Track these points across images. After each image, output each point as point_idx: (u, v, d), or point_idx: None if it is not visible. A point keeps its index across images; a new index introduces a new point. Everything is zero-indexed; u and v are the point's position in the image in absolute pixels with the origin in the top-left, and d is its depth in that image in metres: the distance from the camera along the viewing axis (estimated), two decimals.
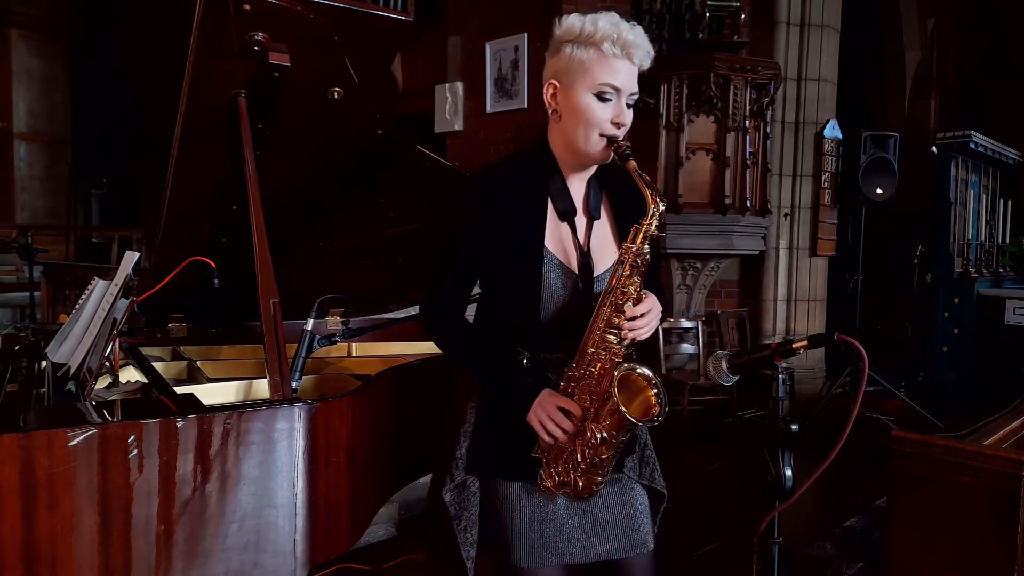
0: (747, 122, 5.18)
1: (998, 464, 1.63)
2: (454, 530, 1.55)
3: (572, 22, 1.43)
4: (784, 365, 1.41)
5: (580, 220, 1.52)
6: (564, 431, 1.41)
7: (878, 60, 7.85)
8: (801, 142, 5.84)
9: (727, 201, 5.13)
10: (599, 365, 1.40)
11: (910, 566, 1.77)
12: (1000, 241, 6.79)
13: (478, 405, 1.57)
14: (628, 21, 1.42)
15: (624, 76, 1.41)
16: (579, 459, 1.42)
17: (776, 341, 1.75)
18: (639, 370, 1.40)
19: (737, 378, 1.48)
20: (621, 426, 1.38)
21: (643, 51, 1.42)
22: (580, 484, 1.45)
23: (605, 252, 1.52)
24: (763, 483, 1.40)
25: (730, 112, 5.10)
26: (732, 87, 5.08)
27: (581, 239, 1.51)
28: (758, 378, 1.44)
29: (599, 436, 1.39)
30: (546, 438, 1.43)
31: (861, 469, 3.78)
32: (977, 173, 6.43)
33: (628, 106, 1.44)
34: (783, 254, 5.93)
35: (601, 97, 1.41)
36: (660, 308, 1.46)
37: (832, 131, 5.84)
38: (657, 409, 1.37)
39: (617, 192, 1.56)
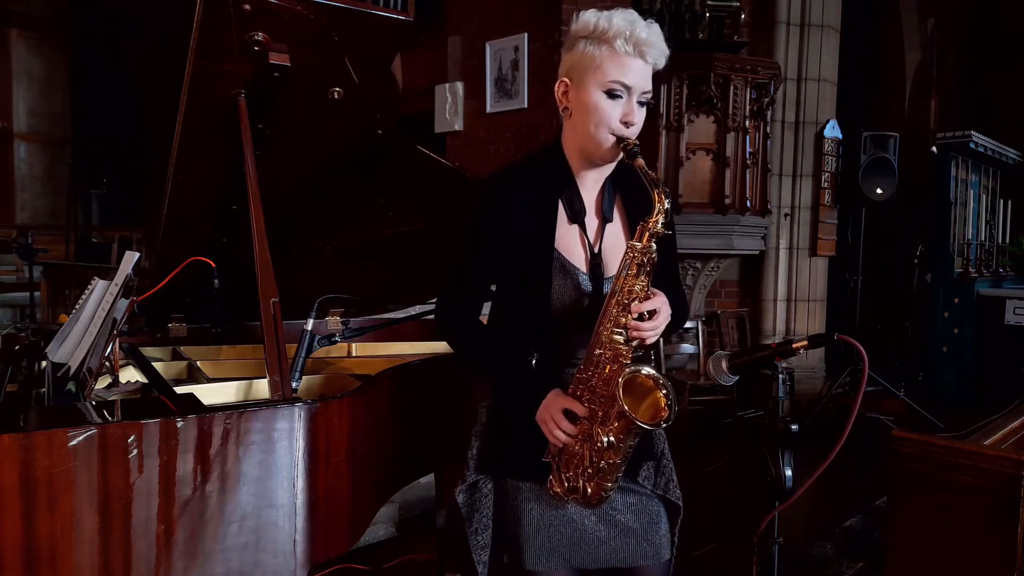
0: (747, 122, 5.18)
1: (998, 464, 1.63)
2: (465, 532, 1.54)
3: (588, 18, 1.40)
4: (784, 365, 1.41)
5: (592, 221, 1.50)
6: (567, 433, 1.39)
7: (878, 60, 7.84)
8: (801, 142, 5.84)
9: (727, 201, 5.13)
10: (608, 367, 1.37)
11: (910, 566, 1.77)
12: (1000, 241, 6.79)
13: (490, 406, 1.57)
14: (646, 19, 1.39)
15: (635, 74, 1.38)
16: (587, 464, 1.39)
17: (776, 341, 1.74)
18: (645, 371, 1.37)
19: (737, 378, 1.48)
20: (628, 430, 1.35)
21: (657, 50, 1.39)
22: (589, 490, 1.41)
23: (617, 254, 1.47)
24: (763, 483, 1.40)
25: (730, 112, 5.10)
26: (732, 87, 5.08)
27: (592, 240, 1.49)
28: (758, 378, 1.44)
29: (605, 440, 1.35)
30: (551, 439, 1.41)
31: (861, 469, 3.78)
32: (977, 173, 6.44)
33: (640, 104, 1.41)
34: (783, 254, 5.92)
35: (611, 94, 1.39)
36: (669, 310, 1.41)
37: (832, 131, 5.84)
38: (666, 412, 1.34)
39: (631, 193, 1.53)
